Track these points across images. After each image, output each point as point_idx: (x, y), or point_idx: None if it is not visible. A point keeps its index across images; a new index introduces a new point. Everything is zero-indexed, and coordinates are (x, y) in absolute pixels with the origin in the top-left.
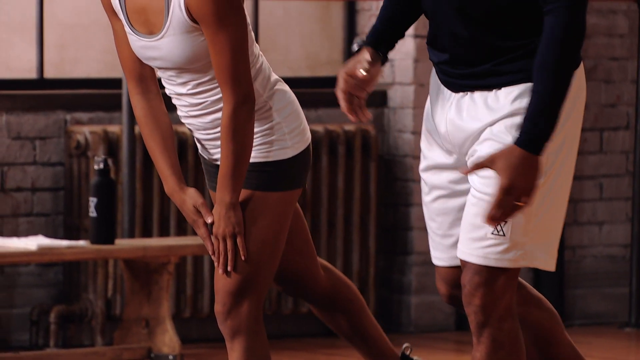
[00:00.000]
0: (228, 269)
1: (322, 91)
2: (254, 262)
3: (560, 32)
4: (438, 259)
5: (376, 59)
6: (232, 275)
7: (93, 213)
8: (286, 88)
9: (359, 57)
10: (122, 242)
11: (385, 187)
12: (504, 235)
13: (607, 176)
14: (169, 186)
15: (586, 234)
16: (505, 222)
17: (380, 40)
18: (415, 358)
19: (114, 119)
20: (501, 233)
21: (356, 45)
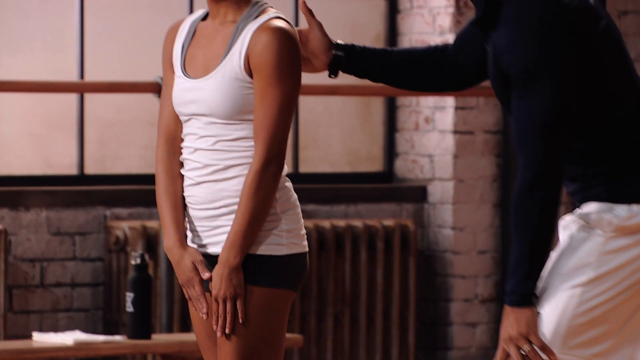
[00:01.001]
0: (226, 331)
1: (362, 186)
2: (252, 331)
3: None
4: None
5: (324, 40)
6: (233, 339)
7: (130, 308)
8: (293, 192)
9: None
10: (159, 337)
11: (424, 282)
12: None
13: None
14: (170, 241)
15: None
16: None
17: (359, 49)
18: None
19: (154, 215)
20: None
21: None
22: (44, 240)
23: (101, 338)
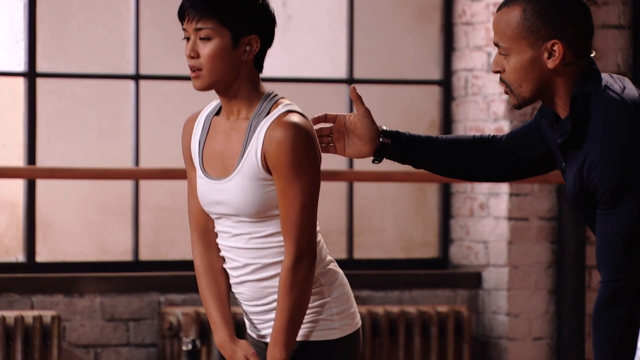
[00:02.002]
0: None
1: (416, 272)
2: None
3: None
4: None
5: (372, 127)
6: None
7: None
8: (338, 270)
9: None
10: None
11: None
12: None
13: None
14: (220, 337)
15: None
16: None
17: (405, 136)
18: None
19: None
20: None
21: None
22: (98, 326)
23: None
